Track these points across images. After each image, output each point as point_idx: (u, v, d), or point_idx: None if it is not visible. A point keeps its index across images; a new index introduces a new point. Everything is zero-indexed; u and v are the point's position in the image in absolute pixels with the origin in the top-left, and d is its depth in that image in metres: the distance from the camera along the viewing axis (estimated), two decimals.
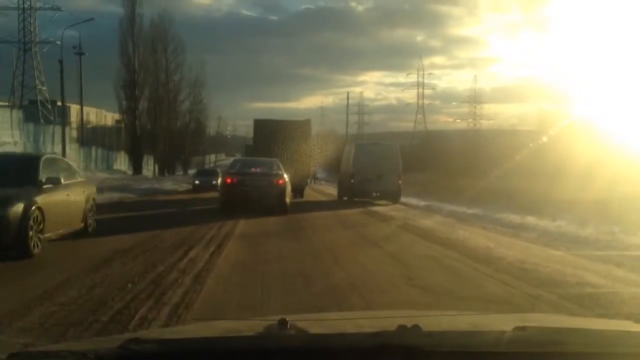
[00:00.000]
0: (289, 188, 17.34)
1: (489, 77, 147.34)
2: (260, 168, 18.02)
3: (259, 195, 16.35)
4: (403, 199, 24.77)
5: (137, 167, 47.26)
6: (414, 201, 24.84)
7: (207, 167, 57.38)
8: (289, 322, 1.75)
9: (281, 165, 18.09)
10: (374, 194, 24.21)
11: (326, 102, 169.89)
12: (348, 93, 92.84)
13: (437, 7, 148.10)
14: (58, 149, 41.88)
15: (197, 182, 32.31)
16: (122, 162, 53.41)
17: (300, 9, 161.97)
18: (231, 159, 55.04)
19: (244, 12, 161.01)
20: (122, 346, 1.59)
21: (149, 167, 51.57)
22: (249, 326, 2.12)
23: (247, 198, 16.30)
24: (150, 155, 50.87)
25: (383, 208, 21.36)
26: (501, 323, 2.19)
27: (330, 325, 2.18)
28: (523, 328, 1.76)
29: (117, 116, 55.87)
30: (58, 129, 45.48)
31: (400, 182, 24.57)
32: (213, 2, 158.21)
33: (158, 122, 49.53)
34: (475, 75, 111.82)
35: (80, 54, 59.73)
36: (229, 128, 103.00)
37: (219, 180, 22.78)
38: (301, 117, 31.71)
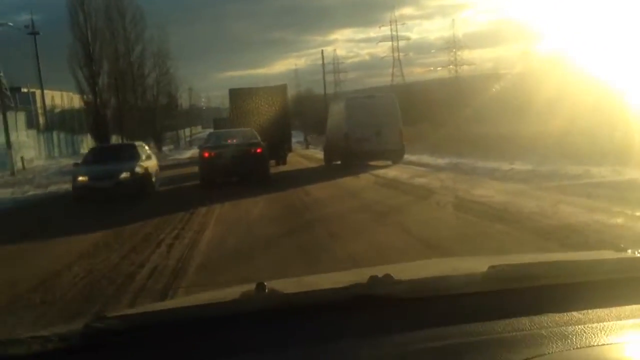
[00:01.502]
0: (267, 155, 17.53)
1: (460, 23, 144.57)
2: (236, 139, 17.83)
3: (239, 166, 16.35)
4: (412, 157, 21.41)
5: None
6: (426, 159, 21.22)
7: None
8: (266, 286, 1.68)
9: (257, 134, 18.12)
10: (374, 155, 20.78)
11: (299, 64, 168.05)
12: (322, 50, 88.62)
13: None
14: (14, 136, 38.00)
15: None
16: (89, 145, 49.19)
17: None
18: (207, 132, 51.49)
19: None
20: (86, 325, 1.50)
21: None
22: (226, 293, 2.04)
23: (227, 170, 16.41)
24: (118, 135, 46.72)
25: (396, 172, 17.32)
26: (475, 265, 2.15)
27: (306, 285, 2.18)
28: (495, 267, 1.73)
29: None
30: (20, 116, 41.50)
31: (402, 138, 21.14)
32: None
33: (123, 98, 45.34)
34: (453, 20, 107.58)
35: (34, 33, 55.50)
36: (202, 100, 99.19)
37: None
38: (275, 82, 30.52)
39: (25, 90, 56.72)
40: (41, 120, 57.89)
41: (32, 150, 38.97)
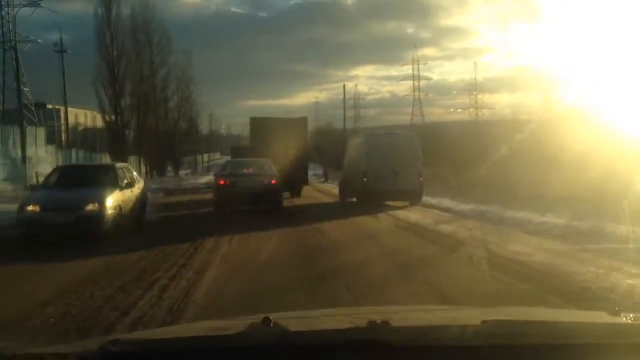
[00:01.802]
0: (281, 188, 17.76)
1: (481, 67, 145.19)
2: (252, 169, 18.10)
3: (252, 196, 16.43)
4: (432, 200, 20.81)
5: None
6: (448, 203, 20.21)
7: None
8: (272, 320, 1.77)
9: (272, 165, 18.27)
10: (391, 195, 20.31)
11: (320, 97, 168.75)
12: (344, 85, 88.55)
13: None
14: (32, 151, 38.03)
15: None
16: None
17: (289, 5, 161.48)
18: (225, 159, 51.37)
19: (233, 9, 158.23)
20: (102, 347, 1.61)
21: (138, 168, 47.31)
22: (233, 325, 2.15)
23: (241, 199, 16.49)
24: (137, 156, 46.70)
25: (417, 216, 16.28)
26: (469, 317, 2.24)
27: (310, 323, 2.26)
28: (488, 321, 1.80)
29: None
30: (40, 131, 41.61)
31: (421, 179, 20.67)
32: (201, 1, 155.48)
33: (143, 120, 45.43)
34: (475, 63, 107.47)
35: (62, 51, 56.02)
36: (223, 127, 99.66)
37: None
38: (295, 113, 33.40)
39: (50, 106, 57.31)
40: (63, 137, 58.29)
41: (49, 167, 38.89)
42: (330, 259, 9.72)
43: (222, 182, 17.12)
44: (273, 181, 17.14)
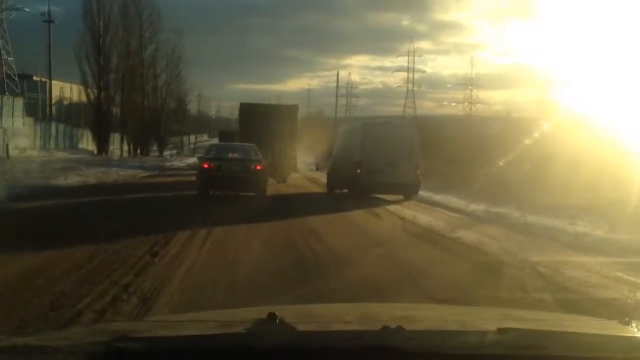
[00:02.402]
0: (265, 173, 17.57)
1: (475, 62, 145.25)
2: (237, 153, 17.91)
3: (236, 181, 16.31)
4: (435, 197, 19.13)
5: (101, 146, 41.24)
6: (454, 201, 17.96)
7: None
8: (277, 316, 1.78)
9: (258, 151, 17.90)
10: (386, 188, 18.86)
11: (311, 84, 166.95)
12: (338, 72, 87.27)
13: None
14: (9, 123, 36.24)
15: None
16: (88, 141, 47.39)
17: None
18: (213, 141, 49.65)
19: None
20: (109, 344, 1.62)
21: (120, 146, 45.38)
22: (240, 318, 2.16)
23: (225, 184, 16.41)
24: (120, 133, 44.88)
25: (427, 217, 13.65)
26: (485, 321, 2.27)
27: (318, 321, 2.23)
28: (505, 331, 1.80)
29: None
30: (18, 102, 39.76)
31: (419, 172, 19.22)
32: None
33: (128, 96, 43.59)
34: (472, 57, 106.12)
35: (49, 21, 54.07)
36: (213, 109, 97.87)
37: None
38: (287, 99, 33.95)
39: (36, 78, 55.29)
40: (48, 110, 56.38)
41: (26, 139, 37.22)
42: (331, 284, 6.54)
43: (205, 166, 16.80)
44: (258, 167, 16.86)
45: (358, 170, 18.84)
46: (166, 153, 54.32)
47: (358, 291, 6.20)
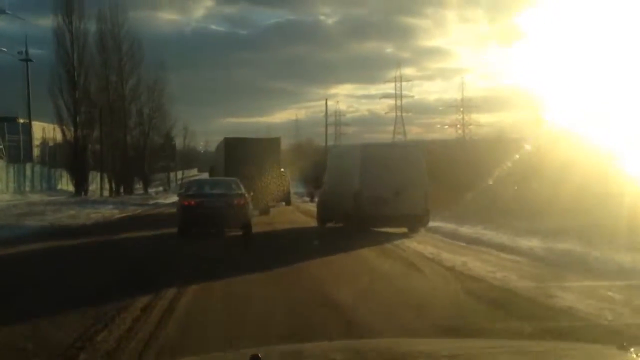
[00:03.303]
0: (250, 207, 16.51)
1: (459, 87, 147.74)
2: (219, 188, 17.03)
3: (218, 217, 15.43)
4: (459, 229, 16.11)
5: (79, 186, 38.54)
6: (488, 233, 14.60)
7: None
8: (260, 359, 1.67)
9: (241, 185, 16.92)
10: (390, 220, 16.44)
11: (299, 115, 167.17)
12: (327, 100, 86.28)
13: (405, 19, 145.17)
14: None
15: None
16: (68, 181, 44.68)
17: (269, 23, 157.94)
18: (203, 175, 47.23)
19: (213, 27, 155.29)
20: None
21: (103, 185, 42.61)
22: None
23: (207, 221, 15.53)
24: (102, 172, 42.24)
25: (474, 261, 10.44)
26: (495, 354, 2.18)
27: None
28: None
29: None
30: None
31: (428, 201, 16.84)
32: (181, 17, 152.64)
33: (109, 132, 41.16)
34: (463, 79, 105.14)
35: (27, 60, 51.95)
36: (201, 144, 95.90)
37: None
38: (275, 131, 34.24)
39: (22, 121, 52.96)
40: (35, 152, 53.89)
41: None
42: None
43: (185, 203, 15.78)
44: (242, 201, 15.92)
45: (358, 201, 16.42)
46: (151, 191, 51.65)
47: None
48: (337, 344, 3.18)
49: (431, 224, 16.94)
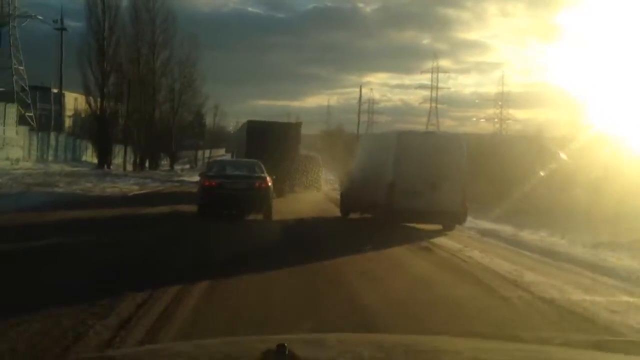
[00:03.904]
0: (271, 191, 15.82)
1: (494, 82, 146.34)
2: (241, 170, 16.80)
3: (240, 199, 15.21)
4: (519, 233, 14.30)
5: (103, 159, 37.68)
6: (564, 244, 12.47)
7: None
8: (287, 348, 1.68)
9: (263, 167, 16.55)
10: (424, 216, 15.03)
11: (331, 101, 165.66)
12: (361, 86, 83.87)
13: (444, 10, 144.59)
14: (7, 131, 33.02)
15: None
16: (93, 154, 43.97)
17: (307, 8, 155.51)
18: (228, 156, 46.14)
19: (250, 9, 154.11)
20: None
21: (128, 158, 41.67)
22: (248, 348, 2.07)
23: (227, 202, 15.35)
24: (126, 146, 41.33)
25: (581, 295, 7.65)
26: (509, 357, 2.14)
27: (328, 353, 2.13)
28: None
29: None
30: (11, 110, 36.49)
31: (466, 196, 15.37)
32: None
33: (135, 105, 40.16)
34: (503, 73, 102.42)
35: (62, 29, 51.39)
36: (232, 124, 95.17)
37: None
38: (306, 116, 32.69)
39: (55, 90, 52.50)
40: (67, 123, 53.42)
41: (20, 150, 33.92)
42: None
43: (207, 184, 15.40)
44: (263, 184, 15.45)
45: (391, 193, 15.00)
46: (177, 167, 50.77)
47: None
48: (361, 336, 3.18)
49: (472, 223, 15.53)
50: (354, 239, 13.01)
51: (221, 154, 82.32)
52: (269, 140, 24.00)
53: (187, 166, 56.49)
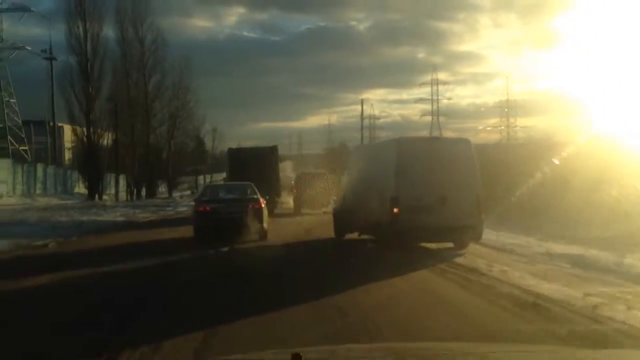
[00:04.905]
0: (265, 212, 16.01)
1: (490, 92, 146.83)
2: (234, 194, 16.96)
3: (234, 223, 15.16)
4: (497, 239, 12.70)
5: (93, 190, 35.49)
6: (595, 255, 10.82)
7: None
8: (302, 358, 1.69)
9: (256, 189, 16.83)
10: (434, 233, 12.89)
11: (331, 119, 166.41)
12: (362, 100, 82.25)
13: (437, 24, 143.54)
14: None
15: None
16: (81, 185, 41.72)
17: (301, 30, 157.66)
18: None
19: (245, 33, 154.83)
20: None
21: (118, 188, 39.54)
22: None
23: (222, 226, 15.24)
24: (117, 174, 39.21)
25: None
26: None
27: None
28: None
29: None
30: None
31: (481, 208, 13.20)
32: (214, 25, 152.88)
33: (128, 131, 38.25)
34: (507, 78, 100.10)
35: (51, 58, 49.78)
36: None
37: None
38: (307, 135, 33.40)
39: (52, 124, 50.92)
40: (67, 155, 51.77)
41: (3, 185, 31.97)
42: None
43: (201, 209, 15.73)
44: (257, 206, 15.62)
45: (395, 210, 12.81)
46: (176, 194, 48.66)
47: None
48: (372, 345, 3.33)
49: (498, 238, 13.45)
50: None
51: (222, 178, 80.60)
52: (249, 164, 25.52)
53: (188, 192, 54.43)
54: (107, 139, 36.66)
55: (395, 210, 12.79)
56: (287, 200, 32.52)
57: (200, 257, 12.92)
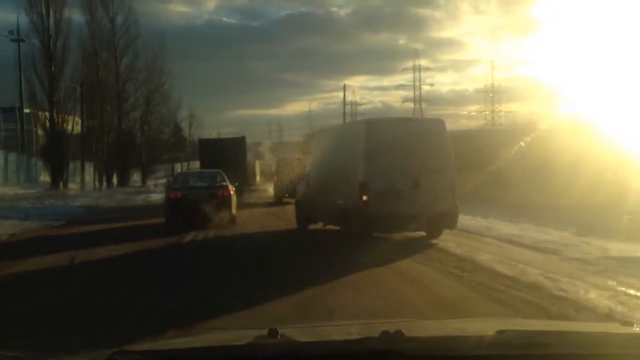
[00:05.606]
0: (234, 199, 16.67)
1: (471, 79, 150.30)
2: (204, 181, 17.44)
3: (204, 209, 15.46)
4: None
5: (56, 178, 33.68)
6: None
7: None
8: (279, 332, 1.74)
9: (225, 176, 17.40)
10: (407, 221, 11.63)
11: (312, 107, 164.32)
12: (344, 85, 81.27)
13: (418, 10, 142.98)
14: None
15: None
16: (46, 173, 39.82)
17: (281, 15, 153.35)
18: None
19: (225, 19, 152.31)
20: (109, 357, 1.58)
21: (84, 176, 37.79)
22: (240, 336, 2.08)
23: (193, 212, 15.59)
24: (83, 161, 37.37)
25: None
26: (484, 327, 2.18)
27: (318, 334, 2.21)
28: (503, 332, 1.76)
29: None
30: None
31: (455, 193, 12.03)
32: (193, 10, 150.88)
33: (97, 115, 36.60)
34: (492, 62, 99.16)
35: (19, 40, 47.67)
36: (213, 135, 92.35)
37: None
38: (288, 123, 52.71)
39: (27, 110, 49.03)
40: (40, 142, 49.89)
41: None
42: None
43: (172, 196, 16.23)
44: (226, 193, 16.23)
45: (364, 197, 11.56)
46: (151, 183, 46.99)
47: None
48: (354, 321, 3.36)
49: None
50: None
51: (198, 165, 78.91)
52: (219, 154, 26.67)
53: (164, 180, 52.86)
54: (72, 124, 34.86)
55: (365, 197, 11.58)
56: (267, 188, 32.04)
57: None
